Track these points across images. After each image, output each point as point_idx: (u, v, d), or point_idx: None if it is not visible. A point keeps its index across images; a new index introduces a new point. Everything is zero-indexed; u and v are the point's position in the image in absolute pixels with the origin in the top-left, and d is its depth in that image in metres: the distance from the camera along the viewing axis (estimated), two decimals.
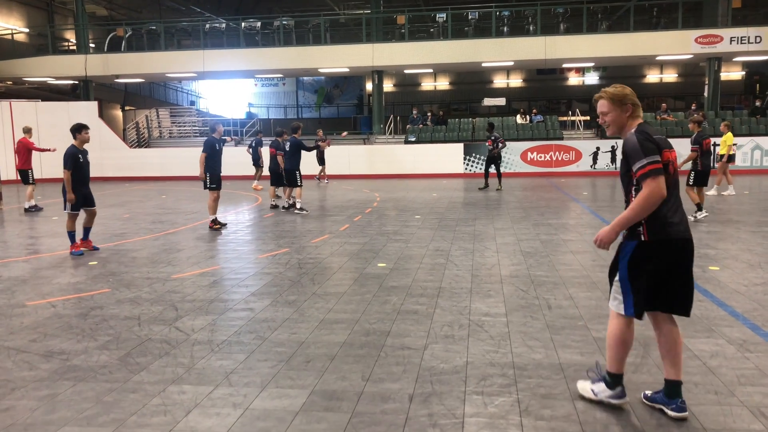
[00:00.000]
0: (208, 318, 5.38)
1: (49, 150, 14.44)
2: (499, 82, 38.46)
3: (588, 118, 27.53)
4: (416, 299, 5.87)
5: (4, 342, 4.81)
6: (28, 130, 13.84)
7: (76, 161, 8.31)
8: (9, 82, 26.04)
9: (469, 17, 24.48)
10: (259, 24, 25.80)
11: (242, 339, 4.81)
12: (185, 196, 10.72)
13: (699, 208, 10.69)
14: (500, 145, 17.40)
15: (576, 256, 7.84)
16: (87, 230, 8.73)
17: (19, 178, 13.89)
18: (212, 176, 10.47)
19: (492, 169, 17.75)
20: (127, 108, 32.72)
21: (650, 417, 3.40)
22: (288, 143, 12.75)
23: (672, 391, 3.40)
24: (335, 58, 24.17)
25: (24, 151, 13.77)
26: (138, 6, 32.63)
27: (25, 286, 6.66)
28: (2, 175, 15.89)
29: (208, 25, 25.92)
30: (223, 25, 26.06)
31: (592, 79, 36.99)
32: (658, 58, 24.38)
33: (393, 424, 3.35)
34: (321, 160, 20.13)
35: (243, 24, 25.56)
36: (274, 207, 13.48)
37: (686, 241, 3.33)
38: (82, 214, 8.61)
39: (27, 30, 29.84)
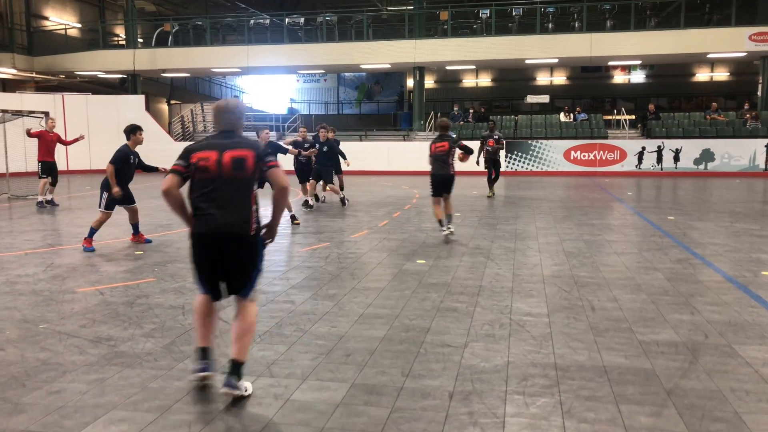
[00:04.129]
0: None
1: (79, 138, 13.55)
2: (543, 79, 37.90)
3: (633, 117, 26.93)
4: (456, 297, 5.84)
5: (56, 327, 4.97)
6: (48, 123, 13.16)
7: (125, 161, 8.24)
8: (62, 76, 26.86)
9: (513, 13, 24.18)
10: (302, 20, 26.00)
11: (283, 331, 4.86)
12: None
13: None
14: (502, 145, 15.77)
15: (620, 257, 7.68)
16: (135, 226, 8.73)
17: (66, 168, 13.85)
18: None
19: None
20: (172, 102, 33.43)
21: (699, 425, 3.30)
22: (321, 144, 12.36)
23: None
24: (377, 55, 24.20)
25: (41, 142, 12.92)
26: (185, 2, 33.25)
27: (75, 274, 6.86)
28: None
29: (252, 21, 26.23)
30: (267, 21, 26.34)
31: (638, 77, 36.13)
32: (709, 56, 23.70)
33: (433, 421, 3.34)
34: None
35: (287, 20, 25.79)
36: (307, 205, 12.49)
37: None
38: (114, 214, 8.56)
39: (79, 25, 30.75)
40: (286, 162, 13.02)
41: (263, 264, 3.94)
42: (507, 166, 22.63)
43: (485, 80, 38.84)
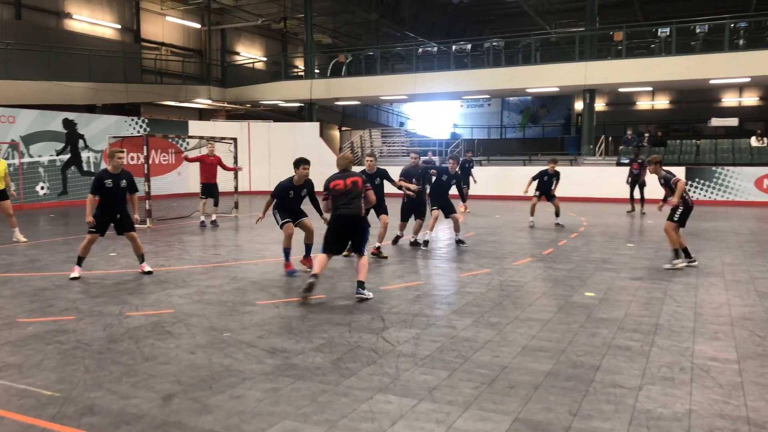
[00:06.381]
0: (412, 331, 5.52)
1: (236, 168, 14.92)
2: (729, 100, 34.66)
3: None
4: (629, 334, 5.45)
5: (237, 336, 5.41)
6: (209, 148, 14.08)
7: (284, 194, 8.32)
8: (248, 105, 29.58)
9: (697, 30, 22.40)
10: (469, 46, 26.24)
11: (445, 356, 4.86)
12: (393, 212, 11.18)
13: None
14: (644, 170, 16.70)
15: None
16: (309, 247, 8.70)
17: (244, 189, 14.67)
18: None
19: (636, 194, 17.28)
20: (343, 128, 35.32)
21: None
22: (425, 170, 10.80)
23: None
24: (544, 78, 23.66)
25: (202, 165, 13.82)
26: (358, 33, 35.14)
27: (255, 287, 7.44)
28: (239, 186, 17.46)
29: (420, 50, 26.99)
30: (435, 49, 26.94)
31: None
32: None
33: None
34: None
35: (453, 47, 26.19)
36: (414, 243, 10.86)
37: None
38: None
39: (265, 59, 33.75)
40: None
41: (368, 234, 7.06)
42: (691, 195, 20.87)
43: (662, 102, 36.37)
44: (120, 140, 15.45)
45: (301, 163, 8.20)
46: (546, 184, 13.68)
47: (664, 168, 9.16)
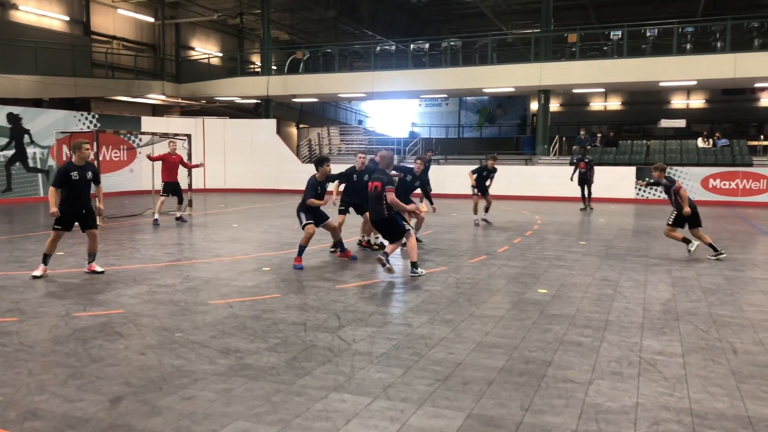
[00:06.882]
0: (368, 330, 5.52)
1: (199, 165, 14.92)
2: (678, 102, 35.77)
3: None
4: (580, 330, 5.57)
5: (189, 336, 5.31)
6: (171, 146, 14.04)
7: (310, 191, 8.60)
8: (203, 101, 29.07)
9: (648, 34, 23.04)
10: (427, 46, 26.38)
11: (400, 354, 4.87)
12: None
13: None
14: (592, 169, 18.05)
15: (767, 296, 6.98)
16: (341, 243, 9.20)
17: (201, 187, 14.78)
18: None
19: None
20: (301, 126, 35.06)
21: None
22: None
23: None
24: (501, 78, 23.98)
25: (164, 164, 13.68)
26: (316, 31, 34.92)
27: (208, 287, 7.31)
28: (193, 184, 17.21)
29: (378, 48, 27.00)
30: (393, 48, 26.99)
31: None
32: None
33: None
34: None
35: (412, 46, 26.29)
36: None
37: None
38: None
39: (220, 54, 33.21)
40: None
41: (403, 224, 8.06)
42: (637, 193, 21.48)
43: (614, 103, 37.28)
44: (68, 136, 14.99)
45: (324, 161, 8.74)
46: (483, 180, 13.85)
47: (667, 177, 10.16)
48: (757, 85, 25.67)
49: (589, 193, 18.14)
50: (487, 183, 13.88)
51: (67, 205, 7.77)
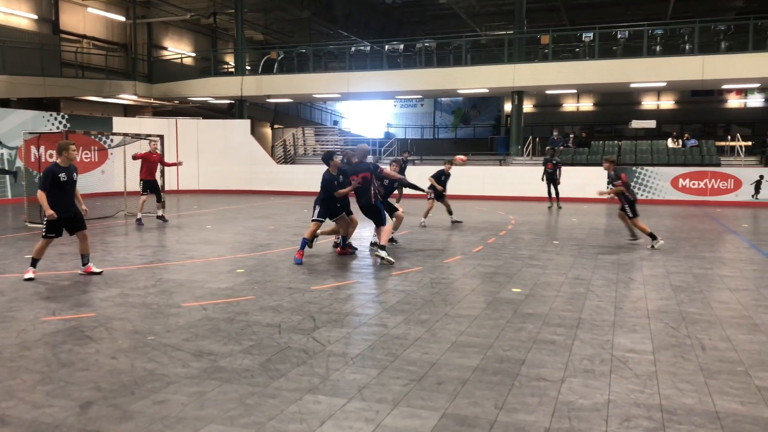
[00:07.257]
0: (344, 331, 5.51)
1: (177, 164, 15.72)
2: (649, 103, 36.40)
3: (750, 143, 25.23)
4: (553, 329, 5.63)
5: (162, 339, 5.24)
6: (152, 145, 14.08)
7: (331, 186, 9.01)
8: (176, 102, 28.74)
9: (618, 36, 23.42)
10: (401, 46, 26.44)
11: (375, 354, 4.87)
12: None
13: None
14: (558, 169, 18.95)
15: (735, 293, 7.14)
16: (345, 239, 9.72)
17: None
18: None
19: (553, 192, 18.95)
20: (275, 126, 34.86)
21: None
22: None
23: None
24: (475, 79, 24.15)
25: (145, 162, 13.78)
26: (290, 31, 34.76)
27: (181, 289, 7.23)
28: (166, 185, 17.09)
29: (353, 48, 26.98)
30: (368, 48, 27.00)
31: (756, 101, 33.91)
32: None
33: None
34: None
35: (386, 47, 26.32)
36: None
37: None
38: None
39: (194, 54, 32.87)
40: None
41: (385, 216, 8.99)
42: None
43: (587, 104, 37.79)
44: (37, 136, 14.72)
45: (333, 154, 9.13)
46: (442, 184, 13.85)
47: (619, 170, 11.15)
48: (724, 86, 26.24)
49: (557, 192, 18.80)
50: (440, 188, 13.72)
51: (55, 209, 7.63)
